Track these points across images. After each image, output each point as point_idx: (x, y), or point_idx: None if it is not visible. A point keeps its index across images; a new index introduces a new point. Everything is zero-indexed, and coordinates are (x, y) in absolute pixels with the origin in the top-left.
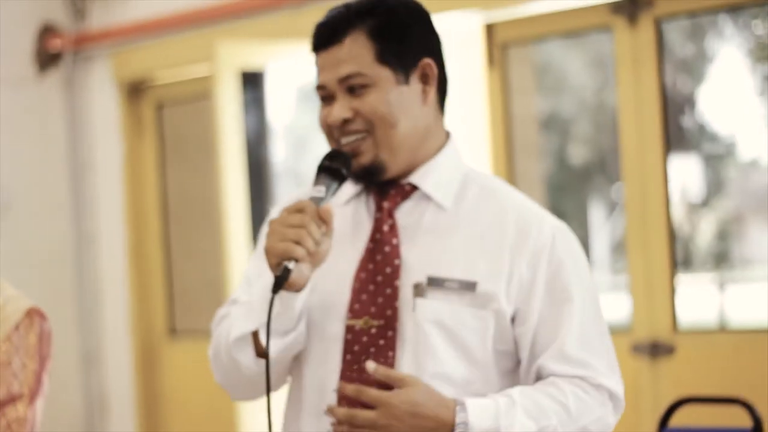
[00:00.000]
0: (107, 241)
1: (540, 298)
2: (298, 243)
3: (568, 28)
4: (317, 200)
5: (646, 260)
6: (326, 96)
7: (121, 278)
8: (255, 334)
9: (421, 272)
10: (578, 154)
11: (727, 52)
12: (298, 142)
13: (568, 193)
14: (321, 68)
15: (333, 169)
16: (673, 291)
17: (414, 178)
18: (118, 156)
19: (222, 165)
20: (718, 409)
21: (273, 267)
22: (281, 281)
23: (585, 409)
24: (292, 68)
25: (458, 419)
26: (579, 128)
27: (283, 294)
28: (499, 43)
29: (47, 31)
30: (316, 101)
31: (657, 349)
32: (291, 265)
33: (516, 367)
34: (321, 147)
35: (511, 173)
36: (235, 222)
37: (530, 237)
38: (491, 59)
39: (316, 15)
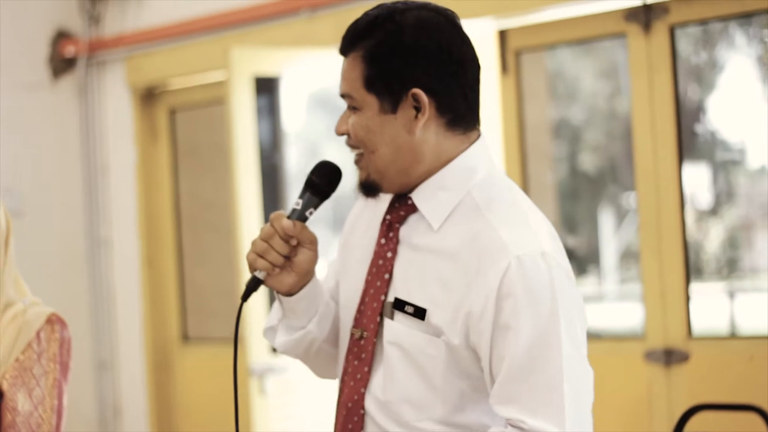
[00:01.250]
0: (120, 246)
1: (489, 332)
2: (262, 256)
3: (581, 35)
4: (294, 213)
5: (660, 267)
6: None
7: (134, 284)
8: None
9: (399, 291)
10: (589, 161)
11: (738, 61)
12: (311, 147)
13: (579, 200)
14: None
15: (315, 183)
16: (687, 298)
17: (414, 194)
18: (131, 161)
19: (235, 170)
20: (733, 415)
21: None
22: (249, 290)
23: None
24: (305, 74)
25: None
26: (590, 135)
27: (281, 297)
28: (512, 50)
29: (62, 37)
30: (328, 107)
31: (671, 356)
32: (260, 275)
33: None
34: (333, 153)
35: (524, 180)
36: (248, 228)
37: (484, 268)
38: (504, 66)
39: (329, 22)
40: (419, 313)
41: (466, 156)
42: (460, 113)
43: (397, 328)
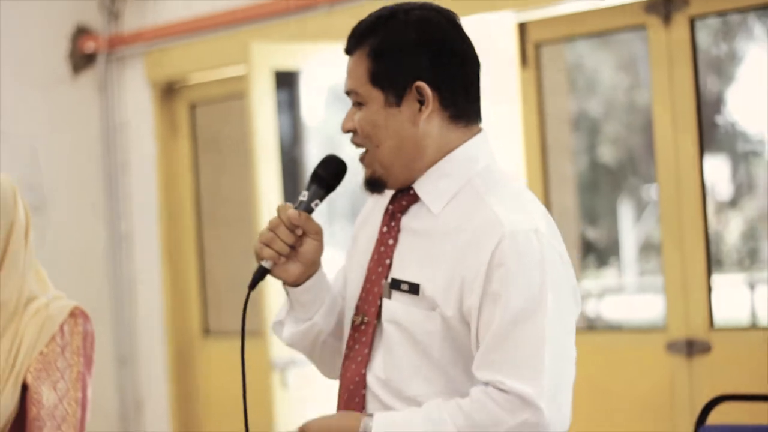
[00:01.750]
0: (141, 240)
1: (478, 300)
2: (268, 245)
3: (601, 27)
4: (300, 204)
5: (681, 259)
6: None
7: (155, 278)
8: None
9: (396, 273)
10: (609, 153)
11: (756, 53)
12: (330, 141)
13: (598, 192)
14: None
15: (320, 176)
16: (709, 289)
17: (416, 184)
18: (152, 156)
19: (256, 165)
20: (757, 405)
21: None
22: (256, 279)
23: (491, 418)
24: (325, 68)
25: (362, 425)
26: (610, 128)
27: (288, 288)
28: (532, 43)
29: (81, 33)
30: (347, 101)
31: (693, 347)
32: (267, 264)
33: None
34: (352, 147)
35: (544, 172)
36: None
37: (478, 240)
38: (524, 58)
39: (349, 15)
40: (414, 288)
41: (467, 146)
42: (462, 107)
43: (394, 306)
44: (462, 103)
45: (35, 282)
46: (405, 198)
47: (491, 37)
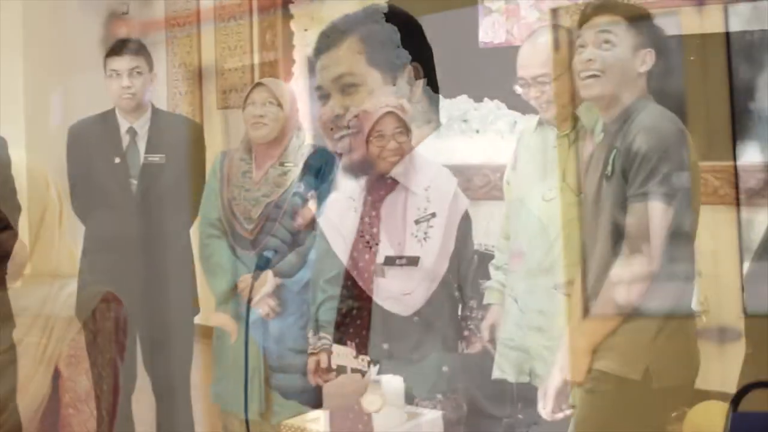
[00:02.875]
0: (174, 226)
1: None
2: (273, 235)
3: (633, 12)
4: (297, 195)
5: (713, 246)
6: (323, 96)
7: (188, 264)
8: None
9: (387, 252)
10: (641, 140)
11: None
12: None
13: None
14: (320, 70)
15: (313, 167)
16: (741, 277)
17: (394, 171)
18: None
19: (289, 150)
20: None
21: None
22: (260, 267)
23: None
24: None
25: None
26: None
27: (277, 279)
28: (564, 27)
29: (114, 18)
30: None
31: (725, 335)
32: (269, 254)
33: None
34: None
35: (576, 158)
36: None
37: (451, 215)
38: (557, 42)
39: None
40: (412, 261)
41: (433, 138)
42: (434, 95)
43: (390, 283)
44: (433, 90)
45: (69, 266)
46: (383, 188)
47: (524, 21)
